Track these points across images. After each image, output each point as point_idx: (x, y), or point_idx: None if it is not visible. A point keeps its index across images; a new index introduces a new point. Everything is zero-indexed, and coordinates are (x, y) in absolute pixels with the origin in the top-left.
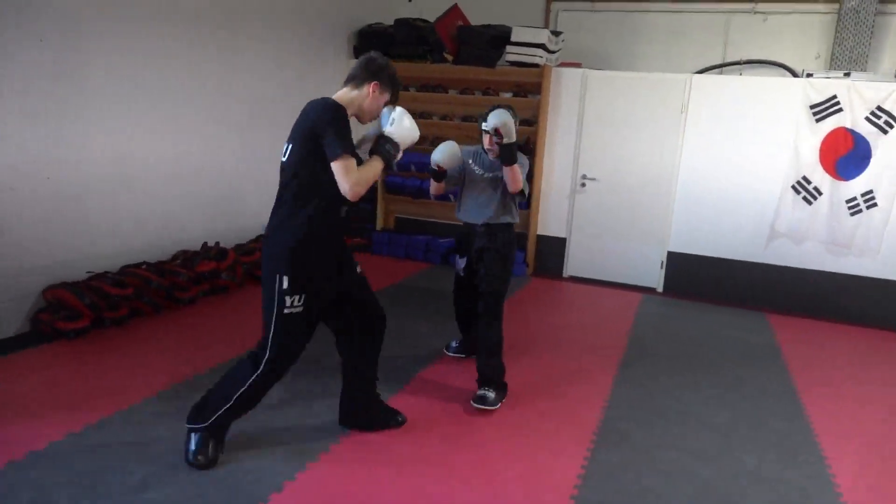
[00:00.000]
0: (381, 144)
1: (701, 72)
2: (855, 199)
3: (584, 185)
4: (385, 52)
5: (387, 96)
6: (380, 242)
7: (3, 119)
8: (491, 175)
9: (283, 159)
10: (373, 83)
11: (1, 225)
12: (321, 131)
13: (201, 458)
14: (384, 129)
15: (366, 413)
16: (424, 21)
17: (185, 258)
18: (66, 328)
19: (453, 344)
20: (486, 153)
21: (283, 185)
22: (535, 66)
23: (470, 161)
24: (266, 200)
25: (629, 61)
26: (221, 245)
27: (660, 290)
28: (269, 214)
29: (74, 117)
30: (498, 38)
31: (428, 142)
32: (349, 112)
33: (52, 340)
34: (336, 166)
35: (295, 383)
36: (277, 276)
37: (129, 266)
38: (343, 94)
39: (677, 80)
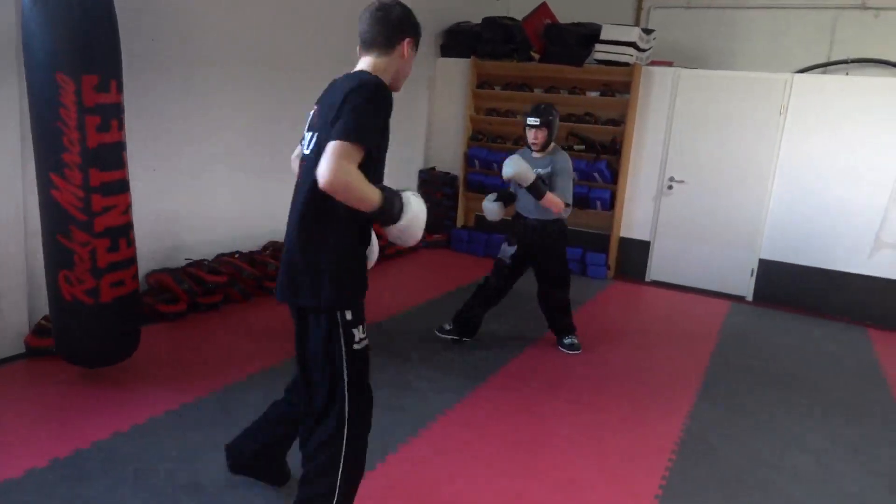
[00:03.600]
0: (395, 202)
1: (803, 71)
2: None
3: (671, 187)
4: (472, 50)
5: (415, 51)
6: (459, 240)
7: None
8: (540, 172)
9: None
10: (406, 39)
11: None
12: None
13: None
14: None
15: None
16: (512, 19)
17: (275, 249)
18: (166, 311)
19: (446, 326)
20: (531, 149)
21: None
22: (625, 64)
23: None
24: None
25: (725, 60)
26: None
27: (749, 298)
28: None
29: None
30: (587, 36)
31: (511, 141)
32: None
33: (154, 322)
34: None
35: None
36: None
37: (223, 255)
38: (374, 66)
39: (777, 79)
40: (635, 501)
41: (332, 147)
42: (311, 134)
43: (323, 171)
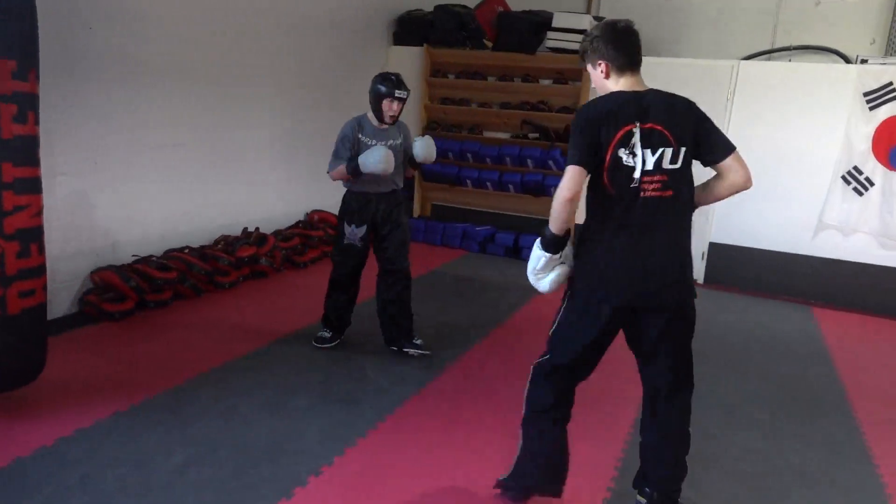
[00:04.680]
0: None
1: (748, 58)
2: None
3: None
4: (424, 38)
5: None
6: (416, 230)
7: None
8: (386, 143)
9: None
10: None
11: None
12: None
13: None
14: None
15: None
16: (464, 7)
17: (227, 243)
18: (112, 310)
19: (326, 334)
20: (375, 121)
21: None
22: (577, 52)
23: (359, 134)
24: (312, 186)
25: (673, 48)
26: (261, 231)
27: (700, 281)
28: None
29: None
30: (539, 24)
31: (465, 129)
32: None
33: (99, 321)
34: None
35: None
36: None
37: (172, 250)
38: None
39: (723, 66)
40: (595, 476)
41: (736, 156)
42: (669, 150)
43: (749, 176)
